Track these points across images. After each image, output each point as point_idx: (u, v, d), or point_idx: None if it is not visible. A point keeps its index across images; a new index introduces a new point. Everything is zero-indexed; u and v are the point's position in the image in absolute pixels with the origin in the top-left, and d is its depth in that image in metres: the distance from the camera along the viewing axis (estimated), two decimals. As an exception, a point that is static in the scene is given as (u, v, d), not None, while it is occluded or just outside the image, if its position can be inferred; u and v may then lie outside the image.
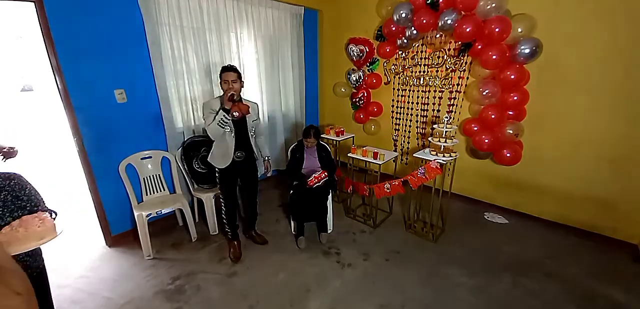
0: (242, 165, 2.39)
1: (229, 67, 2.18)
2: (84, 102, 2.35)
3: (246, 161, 2.40)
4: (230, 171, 2.36)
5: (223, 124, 2.14)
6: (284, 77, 3.89)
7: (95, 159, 2.48)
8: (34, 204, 1.18)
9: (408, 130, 3.71)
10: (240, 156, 2.35)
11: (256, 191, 2.66)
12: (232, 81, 2.14)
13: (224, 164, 2.31)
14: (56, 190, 4.19)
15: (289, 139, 4.09)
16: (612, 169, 2.46)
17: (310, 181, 2.49)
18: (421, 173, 2.45)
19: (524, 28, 2.46)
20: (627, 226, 2.49)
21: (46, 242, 1.08)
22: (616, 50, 2.28)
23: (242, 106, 2.19)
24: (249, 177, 2.54)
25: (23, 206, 1.14)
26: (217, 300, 2.07)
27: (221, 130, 2.17)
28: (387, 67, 3.70)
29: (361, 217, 3.09)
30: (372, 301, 2.04)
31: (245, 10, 3.26)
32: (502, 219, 3.02)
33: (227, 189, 2.44)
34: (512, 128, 2.67)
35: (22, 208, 1.13)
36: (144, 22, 2.52)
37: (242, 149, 2.34)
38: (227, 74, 2.15)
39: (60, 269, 2.39)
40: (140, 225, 2.45)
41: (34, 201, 1.19)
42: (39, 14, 2.08)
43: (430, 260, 2.44)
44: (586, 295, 2.05)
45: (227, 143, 2.28)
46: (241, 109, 2.17)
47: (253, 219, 2.76)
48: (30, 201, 1.17)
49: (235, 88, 2.15)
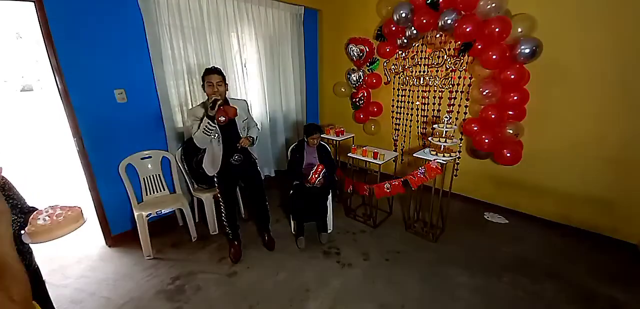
0: (242, 167, 2.36)
1: (212, 69, 2.09)
2: (84, 102, 2.35)
3: (245, 163, 2.37)
4: (226, 174, 2.33)
5: (208, 132, 2.05)
6: (284, 77, 3.89)
7: (95, 159, 2.48)
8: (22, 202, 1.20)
9: (408, 130, 3.71)
10: (238, 159, 2.31)
11: (262, 191, 2.58)
12: (216, 83, 2.05)
13: (214, 171, 2.28)
14: (56, 190, 4.20)
15: (289, 138, 4.09)
16: (612, 169, 2.46)
17: (311, 178, 2.47)
18: (421, 173, 2.45)
19: (524, 28, 2.46)
20: (627, 226, 2.49)
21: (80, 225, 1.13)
22: (616, 50, 2.28)
23: (229, 109, 2.08)
24: (250, 178, 2.51)
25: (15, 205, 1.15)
26: (217, 300, 2.07)
27: (207, 138, 2.09)
28: (387, 67, 3.70)
29: (361, 217, 3.09)
30: (372, 301, 2.04)
31: (245, 9, 3.26)
32: (502, 219, 3.02)
33: (224, 191, 2.40)
34: (512, 128, 2.67)
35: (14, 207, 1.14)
36: (144, 22, 2.52)
37: (237, 152, 2.29)
38: (211, 76, 2.05)
39: (60, 269, 2.39)
40: (140, 225, 2.45)
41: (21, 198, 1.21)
42: (38, 13, 2.08)
43: (430, 260, 2.44)
44: (586, 295, 2.05)
45: (214, 151, 2.22)
46: (227, 112, 2.05)
47: (265, 220, 2.66)
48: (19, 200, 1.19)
49: (220, 91, 2.06)
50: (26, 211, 1.14)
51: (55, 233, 1.05)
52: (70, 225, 1.09)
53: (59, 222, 1.06)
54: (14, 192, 1.18)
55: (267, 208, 2.65)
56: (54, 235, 1.05)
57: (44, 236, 1.04)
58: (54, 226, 1.05)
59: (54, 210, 1.10)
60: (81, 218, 1.14)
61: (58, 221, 1.06)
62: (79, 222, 1.12)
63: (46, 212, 1.08)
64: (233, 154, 2.29)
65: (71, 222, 1.09)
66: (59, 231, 1.06)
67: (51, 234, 1.04)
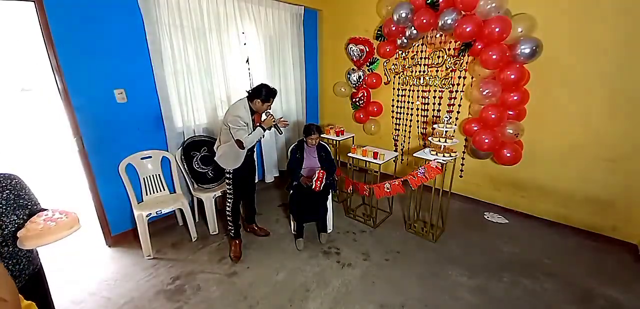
0: (250, 162, 2.51)
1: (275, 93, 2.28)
2: (84, 102, 2.35)
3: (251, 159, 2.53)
4: (242, 170, 2.42)
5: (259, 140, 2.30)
6: (284, 77, 3.89)
7: (95, 159, 2.48)
8: (33, 204, 1.20)
9: (408, 130, 3.71)
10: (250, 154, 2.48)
11: (255, 188, 2.77)
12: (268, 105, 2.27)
13: (236, 165, 2.36)
14: (56, 190, 4.19)
15: (289, 138, 4.09)
16: (612, 168, 2.46)
17: (315, 187, 2.48)
18: (421, 173, 2.45)
19: (524, 28, 2.46)
20: (627, 226, 2.49)
21: (73, 232, 1.11)
22: (616, 50, 2.28)
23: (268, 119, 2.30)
24: (251, 173, 2.64)
25: (25, 205, 1.15)
26: (217, 300, 2.08)
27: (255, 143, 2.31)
28: (387, 67, 3.70)
29: (361, 217, 3.09)
30: (372, 301, 2.04)
31: (245, 9, 3.26)
32: (502, 219, 3.02)
33: (240, 187, 2.48)
34: (512, 128, 2.67)
35: (24, 207, 1.14)
36: (143, 22, 2.52)
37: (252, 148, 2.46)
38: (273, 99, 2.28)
39: (61, 270, 2.39)
40: (140, 225, 2.45)
41: (33, 200, 1.21)
42: (39, 14, 2.08)
43: (430, 260, 2.44)
44: (586, 295, 2.05)
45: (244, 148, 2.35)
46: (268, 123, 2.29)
47: (253, 213, 2.85)
48: (30, 200, 1.19)
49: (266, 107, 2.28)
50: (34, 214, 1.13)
51: (45, 238, 1.03)
52: (63, 231, 1.07)
53: (50, 228, 1.04)
54: (25, 193, 1.17)
55: (255, 202, 2.84)
56: (45, 241, 1.03)
57: (34, 240, 1.02)
58: (44, 231, 1.03)
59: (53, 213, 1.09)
60: (76, 224, 1.12)
61: (49, 226, 1.04)
62: (73, 228, 1.10)
63: (45, 215, 1.08)
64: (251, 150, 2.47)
65: (63, 229, 1.07)
66: (50, 237, 1.03)
67: (41, 239, 1.02)
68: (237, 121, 2.18)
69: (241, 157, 2.34)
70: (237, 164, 2.35)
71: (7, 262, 1.11)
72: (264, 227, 2.87)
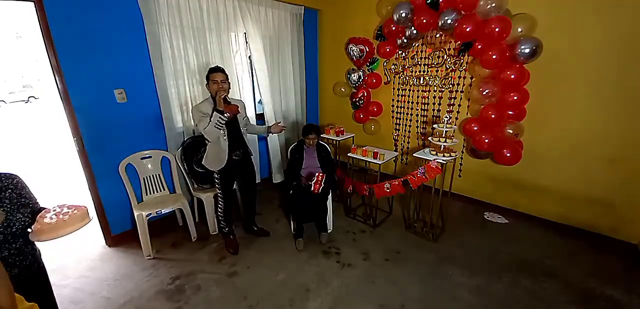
0: (240, 164, 2.43)
1: (217, 68, 2.20)
2: (84, 102, 2.35)
3: (243, 160, 2.45)
4: (228, 171, 2.38)
5: (219, 125, 2.14)
6: (284, 77, 3.88)
7: (95, 159, 2.48)
8: (34, 202, 1.23)
9: (408, 130, 3.71)
10: (238, 155, 2.39)
11: (255, 189, 2.72)
12: (221, 81, 2.16)
13: (219, 166, 2.33)
14: (56, 190, 4.20)
15: (289, 138, 4.09)
16: (612, 168, 2.46)
17: (314, 190, 2.46)
18: (421, 173, 2.45)
19: (524, 28, 2.45)
20: (627, 226, 2.49)
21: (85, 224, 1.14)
22: (616, 50, 2.28)
23: (232, 106, 2.21)
24: (247, 175, 2.60)
25: (26, 204, 1.18)
26: (217, 300, 2.08)
27: (218, 131, 2.18)
28: (387, 67, 3.70)
29: (361, 217, 3.09)
30: (372, 301, 2.04)
31: (245, 9, 3.25)
32: (502, 219, 3.02)
33: (226, 189, 2.47)
34: (512, 128, 2.66)
35: (26, 205, 1.17)
36: (143, 22, 2.52)
37: (238, 148, 2.39)
38: (216, 74, 2.17)
39: (60, 269, 2.39)
40: (140, 225, 2.45)
41: (33, 199, 1.24)
42: (38, 14, 2.08)
43: (430, 260, 2.44)
44: (586, 295, 2.05)
45: (221, 145, 2.30)
46: (232, 109, 2.20)
47: (253, 215, 2.83)
48: (30, 199, 1.22)
49: (224, 88, 2.17)
50: (36, 211, 1.15)
51: (60, 231, 1.06)
52: (76, 223, 1.10)
53: (65, 220, 1.07)
54: (26, 192, 1.20)
55: (255, 204, 2.81)
56: (59, 233, 1.06)
57: (49, 234, 1.05)
58: (59, 224, 1.06)
59: (61, 208, 1.11)
60: (87, 217, 1.15)
61: (63, 219, 1.07)
62: (85, 221, 1.13)
63: (53, 211, 1.10)
64: (235, 150, 2.37)
65: (76, 221, 1.10)
66: (64, 229, 1.07)
67: (56, 232, 1.05)
68: (197, 114, 2.19)
69: (223, 157, 2.31)
70: (221, 165, 2.33)
71: (15, 258, 1.14)
72: (263, 228, 2.86)
